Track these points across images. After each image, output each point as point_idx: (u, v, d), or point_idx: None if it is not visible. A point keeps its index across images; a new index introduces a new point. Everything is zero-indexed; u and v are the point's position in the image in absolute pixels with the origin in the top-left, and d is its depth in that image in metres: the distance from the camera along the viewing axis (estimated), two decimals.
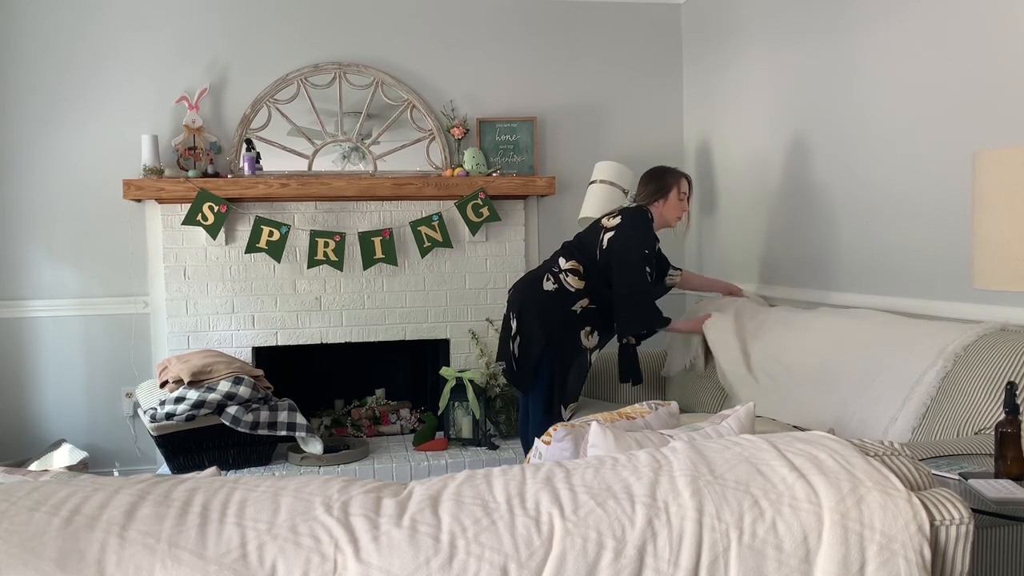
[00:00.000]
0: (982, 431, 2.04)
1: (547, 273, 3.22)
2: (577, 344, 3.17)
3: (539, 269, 3.30)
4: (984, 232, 1.83)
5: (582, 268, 3.17)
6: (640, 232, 3.14)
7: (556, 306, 3.16)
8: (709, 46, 4.22)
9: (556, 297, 3.16)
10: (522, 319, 3.21)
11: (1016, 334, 2.18)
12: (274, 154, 4.09)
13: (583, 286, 3.16)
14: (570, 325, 3.16)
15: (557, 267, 3.21)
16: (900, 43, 2.81)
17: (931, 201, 2.70)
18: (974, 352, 2.18)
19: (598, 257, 3.17)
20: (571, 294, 3.16)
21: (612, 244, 3.13)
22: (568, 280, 3.16)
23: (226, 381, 3.45)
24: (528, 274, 3.35)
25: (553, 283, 3.18)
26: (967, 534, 1.18)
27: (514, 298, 3.29)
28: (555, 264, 3.23)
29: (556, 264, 3.23)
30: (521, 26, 4.37)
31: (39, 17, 3.92)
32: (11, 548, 1.03)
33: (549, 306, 3.16)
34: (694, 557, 1.10)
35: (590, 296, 3.17)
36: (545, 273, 3.23)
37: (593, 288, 3.17)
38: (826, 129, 3.25)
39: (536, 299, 3.19)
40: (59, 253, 3.97)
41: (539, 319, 3.16)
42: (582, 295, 3.16)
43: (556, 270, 3.20)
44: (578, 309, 3.16)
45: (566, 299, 3.16)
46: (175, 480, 1.21)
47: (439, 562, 1.07)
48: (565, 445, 1.71)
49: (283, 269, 4.05)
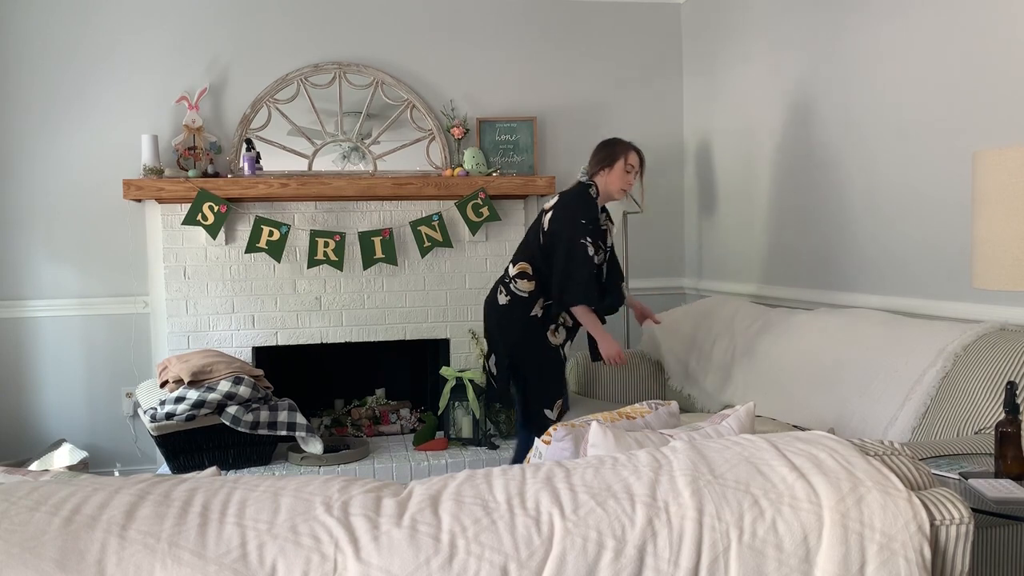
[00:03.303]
0: (982, 431, 2.04)
1: (499, 286, 3.19)
2: (545, 344, 3.13)
3: (496, 282, 3.26)
4: (984, 232, 1.83)
5: (530, 268, 3.12)
6: (578, 204, 3.08)
7: (514, 317, 3.12)
8: (709, 46, 4.22)
9: (511, 308, 3.12)
10: (490, 336, 3.23)
11: (1016, 334, 2.18)
12: (274, 154, 4.08)
13: (534, 287, 3.11)
14: (533, 330, 3.12)
15: (507, 276, 3.17)
16: (900, 43, 2.81)
17: (931, 201, 2.70)
18: (974, 352, 2.18)
19: (542, 241, 3.11)
20: (525, 300, 3.11)
21: (551, 224, 3.09)
22: (519, 287, 3.11)
23: (226, 381, 3.45)
24: (491, 289, 3.30)
25: (506, 295, 3.15)
26: (967, 534, 1.18)
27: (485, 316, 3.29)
28: (505, 274, 3.20)
29: (506, 274, 3.19)
30: (521, 26, 4.37)
31: (39, 17, 3.92)
32: (11, 548, 1.03)
33: (508, 319, 3.14)
34: (694, 557, 1.10)
35: (545, 293, 3.12)
36: (498, 286, 3.20)
37: (545, 284, 3.11)
38: (826, 129, 3.25)
39: (495, 315, 3.18)
40: (59, 253, 3.97)
41: (500, 334, 3.16)
42: (536, 296, 3.11)
43: (507, 280, 3.17)
44: (538, 312, 3.12)
45: (523, 307, 3.12)
46: (175, 480, 1.21)
47: (439, 562, 1.07)
48: (565, 445, 1.71)
49: (283, 269, 4.05)
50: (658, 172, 4.46)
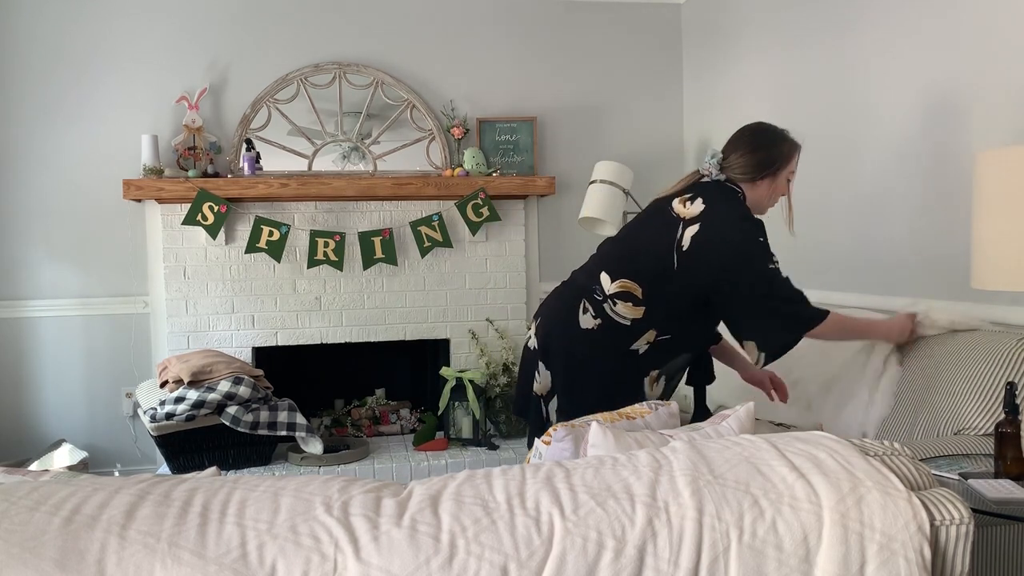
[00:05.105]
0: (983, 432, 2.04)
1: (584, 300, 2.30)
2: (637, 398, 2.26)
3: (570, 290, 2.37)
4: (984, 232, 1.83)
5: (640, 290, 2.23)
6: (746, 219, 2.21)
7: (605, 350, 2.26)
8: (709, 46, 4.22)
9: (602, 337, 2.26)
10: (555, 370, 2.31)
11: (1016, 334, 2.17)
12: (274, 154, 4.08)
13: (642, 314, 2.23)
14: (627, 373, 2.27)
15: (599, 291, 2.28)
16: (900, 43, 2.81)
17: (931, 201, 2.70)
18: (972, 351, 2.18)
19: (675, 264, 2.21)
20: (624, 329, 2.25)
21: (700, 242, 2.19)
22: (618, 310, 2.24)
23: (226, 381, 3.45)
24: (555, 298, 2.41)
25: (594, 316, 2.26)
26: (967, 534, 1.18)
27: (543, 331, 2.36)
28: (594, 285, 2.30)
29: (596, 286, 2.29)
30: (521, 26, 4.37)
31: (39, 17, 3.91)
32: (11, 548, 1.03)
33: (594, 351, 2.27)
34: (694, 557, 1.10)
35: (658, 326, 2.25)
36: (580, 300, 2.30)
37: (659, 313, 2.24)
38: (825, 129, 3.25)
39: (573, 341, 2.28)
40: (59, 253, 3.97)
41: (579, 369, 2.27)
42: (643, 327, 2.24)
43: (598, 296, 2.27)
44: (641, 348, 2.26)
45: (618, 338, 2.26)
46: (175, 480, 1.21)
47: (439, 562, 1.07)
48: (565, 445, 1.71)
49: (283, 269, 4.05)
50: (658, 172, 4.46)
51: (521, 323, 4.29)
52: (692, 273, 2.20)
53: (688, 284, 2.21)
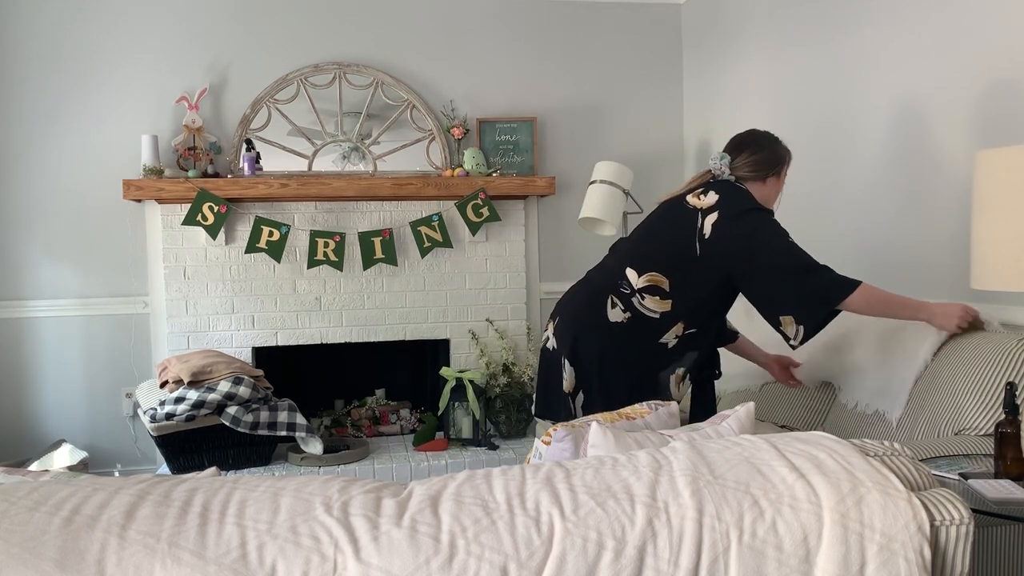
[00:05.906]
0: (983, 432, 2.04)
1: (610, 295, 2.33)
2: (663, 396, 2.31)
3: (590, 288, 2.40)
4: (984, 232, 1.83)
5: (668, 282, 2.27)
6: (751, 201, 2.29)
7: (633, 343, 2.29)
8: (709, 46, 4.22)
9: (630, 330, 2.29)
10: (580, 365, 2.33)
11: (1016, 334, 2.17)
12: (274, 154, 4.08)
13: (669, 307, 2.28)
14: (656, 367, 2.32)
15: (626, 285, 2.32)
16: (900, 43, 2.81)
17: (931, 201, 2.70)
18: (972, 351, 2.18)
19: (699, 252, 2.26)
20: (653, 323, 2.29)
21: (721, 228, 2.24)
22: (646, 304, 2.28)
23: (226, 381, 3.45)
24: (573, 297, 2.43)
25: (624, 311, 2.30)
26: (967, 534, 1.18)
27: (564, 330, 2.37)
28: (620, 279, 2.33)
29: (622, 279, 2.33)
30: (521, 26, 4.37)
31: (39, 17, 3.91)
32: (11, 548, 1.03)
33: (624, 344, 2.30)
34: (694, 557, 1.10)
35: (685, 318, 2.30)
36: (607, 296, 2.33)
37: (686, 305, 2.28)
38: (825, 129, 3.25)
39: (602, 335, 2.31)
40: (59, 253, 3.97)
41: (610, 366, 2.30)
42: (671, 320, 2.29)
43: (625, 290, 2.31)
44: (670, 341, 2.30)
45: (647, 331, 2.30)
46: (175, 480, 1.21)
47: (439, 562, 1.07)
48: (565, 445, 1.71)
49: (283, 269, 4.05)
50: (658, 172, 4.46)
51: (521, 323, 4.29)
52: (718, 259, 2.25)
53: (714, 271, 2.26)
